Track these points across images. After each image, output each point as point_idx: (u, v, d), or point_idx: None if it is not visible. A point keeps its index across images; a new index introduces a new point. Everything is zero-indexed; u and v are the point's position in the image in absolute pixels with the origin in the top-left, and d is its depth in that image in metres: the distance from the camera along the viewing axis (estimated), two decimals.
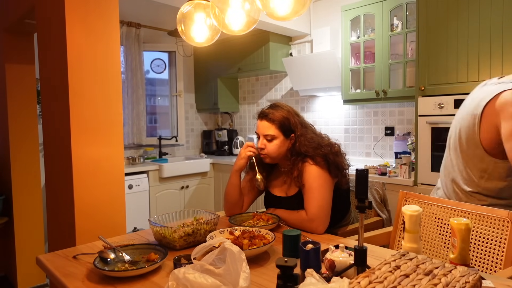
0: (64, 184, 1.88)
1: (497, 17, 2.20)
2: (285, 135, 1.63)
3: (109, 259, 1.17)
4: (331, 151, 1.60)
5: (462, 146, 1.46)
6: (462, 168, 1.47)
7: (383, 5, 2.91)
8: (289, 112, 1.65)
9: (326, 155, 1.57)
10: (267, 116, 1.63)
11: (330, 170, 1.57)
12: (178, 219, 1.51)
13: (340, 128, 3.65)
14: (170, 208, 3.76)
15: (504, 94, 1.33)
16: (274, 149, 1.62)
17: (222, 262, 0.92)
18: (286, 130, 1.62)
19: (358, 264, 0.97)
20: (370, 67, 3.07)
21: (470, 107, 1.45)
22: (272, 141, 1.62)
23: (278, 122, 1.61)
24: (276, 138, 1.62)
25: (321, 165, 1.56)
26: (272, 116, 1.62)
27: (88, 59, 1.86)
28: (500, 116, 1.32)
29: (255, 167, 1.67)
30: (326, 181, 1.56)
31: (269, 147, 1.63)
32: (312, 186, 1.55)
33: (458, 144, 1.49)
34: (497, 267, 1.31)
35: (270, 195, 1.75)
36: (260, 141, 1.65)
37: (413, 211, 1.14)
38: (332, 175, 1.58)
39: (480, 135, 1.38)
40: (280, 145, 1.62)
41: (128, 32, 3.92)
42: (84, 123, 1.85)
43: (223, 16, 1.51)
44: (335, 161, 1.58)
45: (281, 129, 1.62)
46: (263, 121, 1.64)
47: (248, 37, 3.83)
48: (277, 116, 1.62)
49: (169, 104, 4.57)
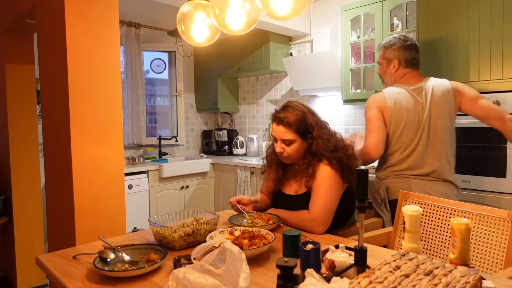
0: (64, 184, 1.88)
1: (497, 17, 2.20)
2: (303, 137, 1.61)
3: (109, 259, 1.17)
4: (346, 154, 1.59)
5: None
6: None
7: (383, 5, 2.91)
8: (304, 113, 1.62)
9: (341, 159, 1.57)
10: (283, 121, 1.60)
11: (343, 174, 1.56)
12: (178, 219, 1.51)
13: (340, 128, 3.65)
14: (170, 208, 3.76)
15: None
16: (293, 152, 1.62)
17: (222, 262, 0.92)
18: (303, 133, 1.61)
19: (358, 264, 0.97)
20: (370, 67, 3.07)
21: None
22: (290, 145, 1.61)
23: (295, 126, 1.59)
24: (294, 142, 1.61)
25: (335, 168, 1.56)
26: (288, 121, 1.59)
27: (88, 59, 1.86)
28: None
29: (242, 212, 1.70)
30: (337, 184, 1.56)
31: (288, 150, 1.62)
32: (321, 186, 1.54)
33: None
34: (497, 267, 1.31)
35: (280, 193, 1.76)
36: (278, 144, 1.64)
37: (413, 211, 1.14)
38: (345, 179, 1.57)
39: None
40: (299, 148, 1.62)
41: (128, 32, 3.92)
42: (84, 123, 1.85)
43: (223, 16, 1.51)
44: (349, 164, 1.57)
45: (299, 132, 1.60)
46: (280, 126, 1.61)
47: (248, 37, 3.83)
48: (293, 119, 1.59)
49: (169, 104, 4.57)
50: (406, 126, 1.89)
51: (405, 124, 1.89)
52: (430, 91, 1.91)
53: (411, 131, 1.89)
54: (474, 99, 1.91)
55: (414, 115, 1.89)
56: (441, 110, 1.89)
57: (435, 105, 1.89)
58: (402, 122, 1.89)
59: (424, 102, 1.89)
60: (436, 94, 1.90)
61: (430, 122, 1.88)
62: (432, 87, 1.92)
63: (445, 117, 1.89)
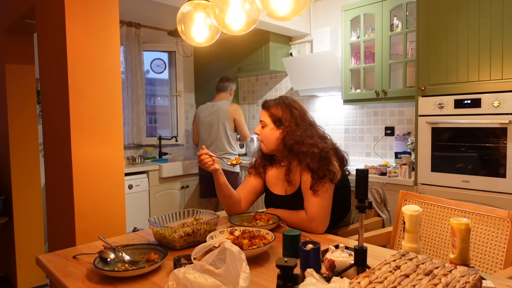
0: (64, 184, 1.88)
1: (497, 17, 2.20)
2: (275, 124, 1.69)
3: (109, 259, 1.17)
4: (308, 151, 1.57)
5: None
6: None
7: (383, 5, 2.91)
8: (285, 104, 1.71)
9: (308, 164, 1.55)
10: (265, 104, 1.75)
11: (319, 176, 1.53)
12: (178, 219, 1.51)
13: (340, 128, 3.65)
14: (170, 208, 3.76)
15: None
16: (266, 136, 1.71)
17: (222, 262, 0.92)
18: (276, 120, 1.69)
19: (358, 264, 0.97)
20: (370, 67, 3.07)
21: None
22: (264, 128, 1.72)
23: (271, 111, 1.71)
24: (267, 126, 1.71)
25: (314, 177, 1.54)
26: (268, 105, 1.73)
27: (88, 59, 1.86)
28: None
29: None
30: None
31: (262, 133, 1.72)
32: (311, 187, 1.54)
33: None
34: (497, 267, 1.31)
35: (270, 194, 1.76)
36: (258, 126, 1.75)
37: (413, 211, 1.14)
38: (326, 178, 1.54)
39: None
40: (270, 133, 1.69)
41: (128, 32, 3.92)
42: (84, 123, 1.85)
43: (223, 16, 1.51)
44: (320, 166, 1.54)
45: (272, 117, 1.70)
46: (263, 109, 1.76)
47: (248, 37, 3.83)
48: (272, 104, 1.72)
49: (169, 104, 4.57)
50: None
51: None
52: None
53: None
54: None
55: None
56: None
57: None
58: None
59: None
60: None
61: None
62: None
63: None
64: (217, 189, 1.70)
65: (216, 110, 3.59)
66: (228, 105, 3.59)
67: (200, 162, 1.63)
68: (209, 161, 1.62)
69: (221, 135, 3.57)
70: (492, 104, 2.22)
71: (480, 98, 2.27)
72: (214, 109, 3.61)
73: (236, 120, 3.59)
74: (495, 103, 2.20)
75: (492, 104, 2.22)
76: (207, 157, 1.63)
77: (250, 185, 1.79)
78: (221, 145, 3.57)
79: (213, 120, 3.59)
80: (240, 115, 3.62)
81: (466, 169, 2.34)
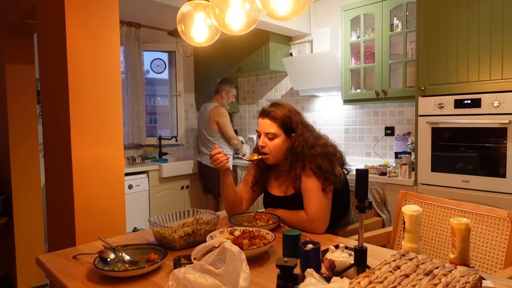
0: (64, 184, 1.88)
1: (497, 17, 2.20)
2: (287, 134, 1.61)
3: (109, 259, 1.17)
4: (324, 152, 1.57)
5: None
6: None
7: (383, 5, 2.91)
8: (291, 111, 1.64)
9: (320, 166, 1.53)
10: (269, 114, 1.62)
11: (325, 177, 1.53)
12: (178, 219, 1.51)
13: (340, 128, 3.65)
14: (170, 208, 3.76)
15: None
16: (275, 148, 1.61)
17: (222, 262, 0.92)
18: (287, 129, 1.61)
19: (358, 264, 0.97)
20: (370, 67, 3.07)
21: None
22: (273, 140, 1.61)
23: (280, 120, 1.60)
24: (277, 137, 1.60)
25: (320, 178, 1.53)
26: (274, 114, 1.61)
27: (88, 59, 1.86)
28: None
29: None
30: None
31: (270, 145, 1.62)
32: (311, 187, 1.54)
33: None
34: (497, 267, 1.31)
35: (269, 195, 1.75)
36: (261, 139, 1.64)
37: (413, 211, 1.14)
38: (330, 182, 1.55)
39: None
40: (281, 144, 1.61)
41: (128, 32, 3.92)
42: (84, 123, 1.85)
43: (223, 16, 1.51)
44: (330, 166, 1.55)
45: (283, 127, 1.61)
46: (265, 119, 1.63)
47: (248, 37, 3.83)
48: (279, 114, 1.61)
49: (169, 104, 4.57)
50: None
51: None
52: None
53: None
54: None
55: None
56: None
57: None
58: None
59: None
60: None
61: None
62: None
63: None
64: (222, 188, 1.67)
65: (203, 112, 3.76)
66: (213, 107, 3.68)
67: (214, 161, 1.59)
68: (225, 159, 1.59)
69: (205, 136, 3.72)
70: (492, 104, 2.22)
71: (480, 98, 2.27)
72: (202, 110, 3.79)
73: (218, 123, 3.67)
74: (495, 103, 2.20)
75: (492, 104, 2.22)
76: (223, 155, 1.59)
77: (250, 185, 1.79)
78: (206, 146, 3.74)
79: (200, 121, 3.81)
80: (223, 118, 3.66)
81: (466, 169, 2.34)
